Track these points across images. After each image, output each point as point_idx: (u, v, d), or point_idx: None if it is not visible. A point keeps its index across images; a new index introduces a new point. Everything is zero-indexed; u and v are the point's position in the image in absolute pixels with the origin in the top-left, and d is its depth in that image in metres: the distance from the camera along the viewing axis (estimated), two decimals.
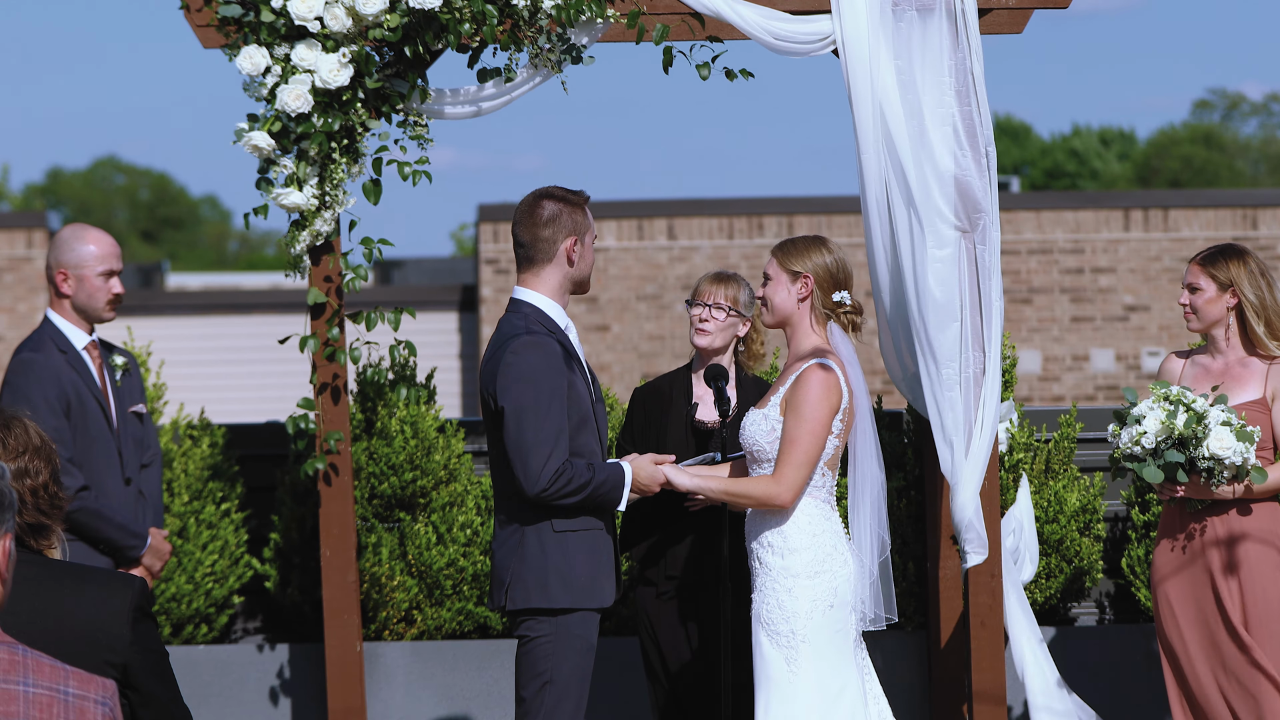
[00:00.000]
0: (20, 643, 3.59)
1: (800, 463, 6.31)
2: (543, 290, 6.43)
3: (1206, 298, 7.20)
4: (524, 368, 6.24)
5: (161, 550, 7.58)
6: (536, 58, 7.50)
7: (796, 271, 6.48)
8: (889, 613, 6.51)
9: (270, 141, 7.47)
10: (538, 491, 6.20)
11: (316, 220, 7.57)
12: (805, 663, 6.29)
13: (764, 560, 6.39)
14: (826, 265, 6.47)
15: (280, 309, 23.02)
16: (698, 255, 21.20)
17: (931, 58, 7.50)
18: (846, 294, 6.48)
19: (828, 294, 6.47)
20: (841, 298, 6.47)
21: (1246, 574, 7.03)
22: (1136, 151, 57.70)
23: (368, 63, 7.44)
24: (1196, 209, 21.22)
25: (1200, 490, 7.01)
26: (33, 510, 4.34)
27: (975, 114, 7.50)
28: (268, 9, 7.40)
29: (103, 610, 4.31)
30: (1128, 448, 7.00)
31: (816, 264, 6.47)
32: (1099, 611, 9.10)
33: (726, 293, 7.42)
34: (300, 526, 8.79)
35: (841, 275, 6.49)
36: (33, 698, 3.53)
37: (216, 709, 8.66)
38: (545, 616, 6.29)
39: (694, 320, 7.44)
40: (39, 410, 7.23)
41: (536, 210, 6.43)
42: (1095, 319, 21.05)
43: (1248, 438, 6.86)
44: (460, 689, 8.70)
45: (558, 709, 6.28)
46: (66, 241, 7.51)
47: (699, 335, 7.42)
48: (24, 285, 21.98)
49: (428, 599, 8.67)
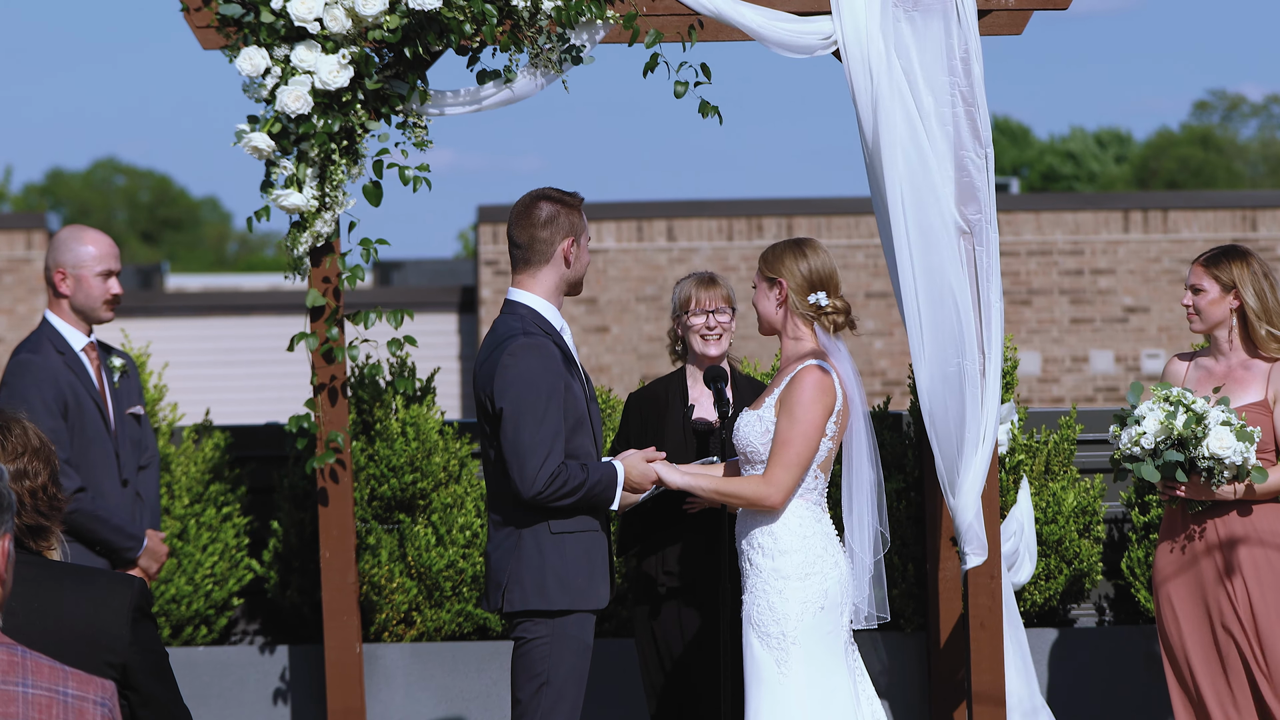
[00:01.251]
0: (19, 644, 3.59)
1: (791, 464, 6.30)
2: (538, 291, 6.43)
3: (1209, 299, 7.20)
4: (522, 370, 6.23)
5: (158, 552, 7.57)
6: (536, 58, 7.49)
7: (772, 278, 6.48)
8: (881, 611, 6.50)
9: (270, 143, 7.46)
10: (534, 494, 6.20)
11: (317, 221, 7.56)
12: (796, 664, 6.28)
13: (754, 561, 6.39)
14: (799, 269, 6.44)
15: (280, 310, 23.01)
16: (697, 257, 21.20)
17: (932, 58, 7.49)
18: (823, 295, 6.43)
19: (803, 297, 6.44)
20: (817, 299, 6.44)
21: (1250, 575, 7.03)
22: (1134, 153, 57.69)
23: (368, 64, 7.43)
24: (1196, 210, 21.21)
25: (1201, 491, 7.01)
26: (32, 512, 4.34)
27: (976, 115, 7.50)
28: (267, 10, 7.39)
29: (102, 611, 4.31)
30: (1127, 448, 7.00)
31: (789, 268, 6.45)
32: (1098, 613, 9.09)
33: (722, 294, 7.39)
34: (299, 528, 8.78)
35: (818, 278, 6.45)
36: (32, 699, 3.53)
37: (216, 710, 8.65)
38: (542, 618, 6.28)
39: (697, 330, 7.38)
40: (36, 411, 7.22)
41: (533, 211, 6.43)
42: (1095, 320, 21.04)
43: (1248, 438, 6.86)
44: (460, 690, 8.70)
45: (554, 710, 6.28)
46: (65, 242, 7.50)
47: (711, 345, 7.35)
48: (23, 286, 21.98)
49: (427, 600, 8.66)
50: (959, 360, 7.42)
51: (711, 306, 7.35)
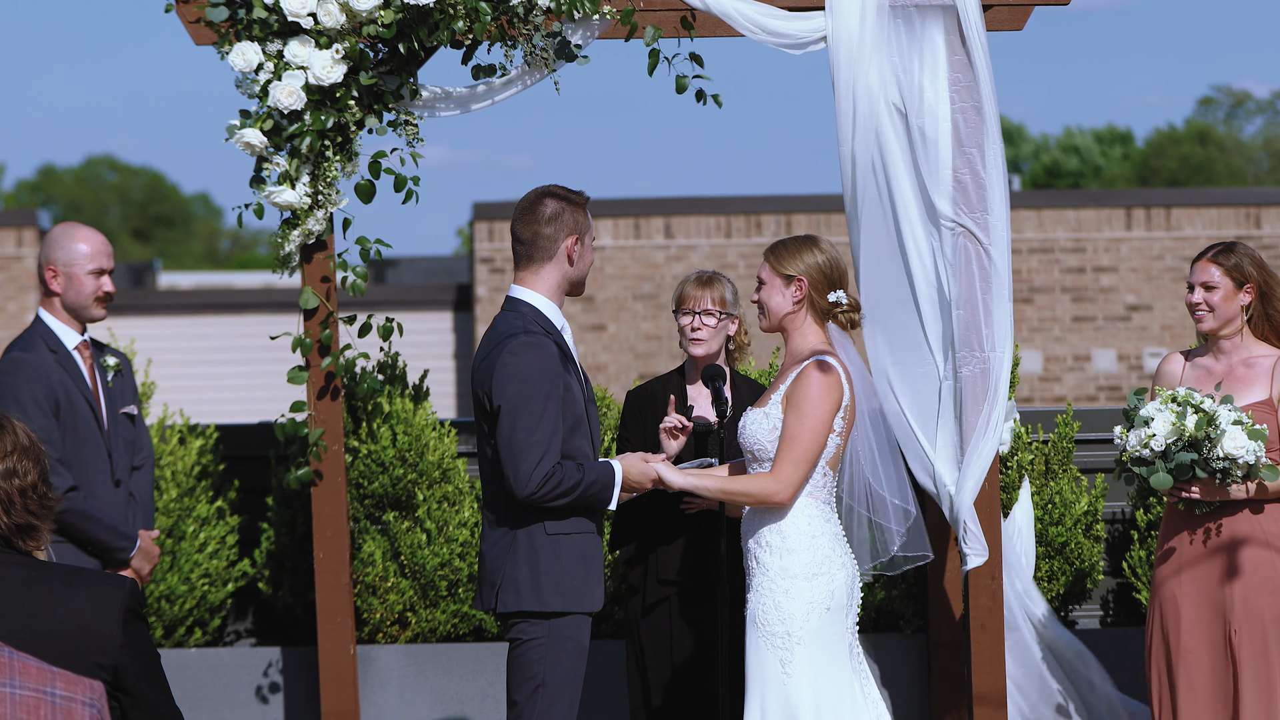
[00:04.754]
0: (8, 645, 3.58)
1: (799, 460, 6.26)
2: (540, 289, 6.39)
3: (1223, 294, 7.14)
4: (521, 368, 6.20)
5: (151, 553, 7.52)
6: (530, 55, 7.44)
7: (790, 275, 6.42)
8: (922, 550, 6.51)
9: (263, 139, 7.43)
10: (528, 494, 6.17)
11: (309, 219, 7.53)
12: (800, 665, 6.24)
13: (761, 560, 6.34)
14: (819, 265, 6.42)
15: (272, 308, 22.99)
16: (695, 254, 21.19)
17: (929, 55, 7.46)
18: (842, 293, 6.42)
19: (823, 294, 6.42)
20: (837, 297, 6.42)
21: (1259, 575, 6.99)
22: (1136, 151, 57.78)
23: (362, 60, 7.39)
24: (1199, 208, 21.20)
25: (1213, 491, 6.97)
26: (21, 511, 4.31)
27: (978, 111, 7.46)
28: (260, 5, 7.35)
29: (93, 612, 4.29)
30: (1135, 450, 6.93)
31: (809, 265, 6.42)
32: (1102, 612, 9.06)
33: (713, 295, 7.33)
34: (292, 529, 8.75)
35: (835, 274, 6.44)
36: (19, 700, 3.53)
37: (208, 713, 8.61)
38: (538, 620, 6.26)
39: (686, 330, 7.34)
40: (27, 409, 7.19)
41: (539, 207, 6.40)
42: (1097, 319, 21.03)
43: (1259, 436, 6.83)
44: (454, 692, 8.65)
45: (550, 712, 6.26)
46: (57, 239, 7.46)
47: (694, 345, 7.33)
48: (13, 284, 21.95)
49: (422, 601, 8.62)
50: (931, 361, 7.43)
51: (699, 308, 7.30)
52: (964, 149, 7.47)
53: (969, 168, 7.47)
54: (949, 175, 7.45)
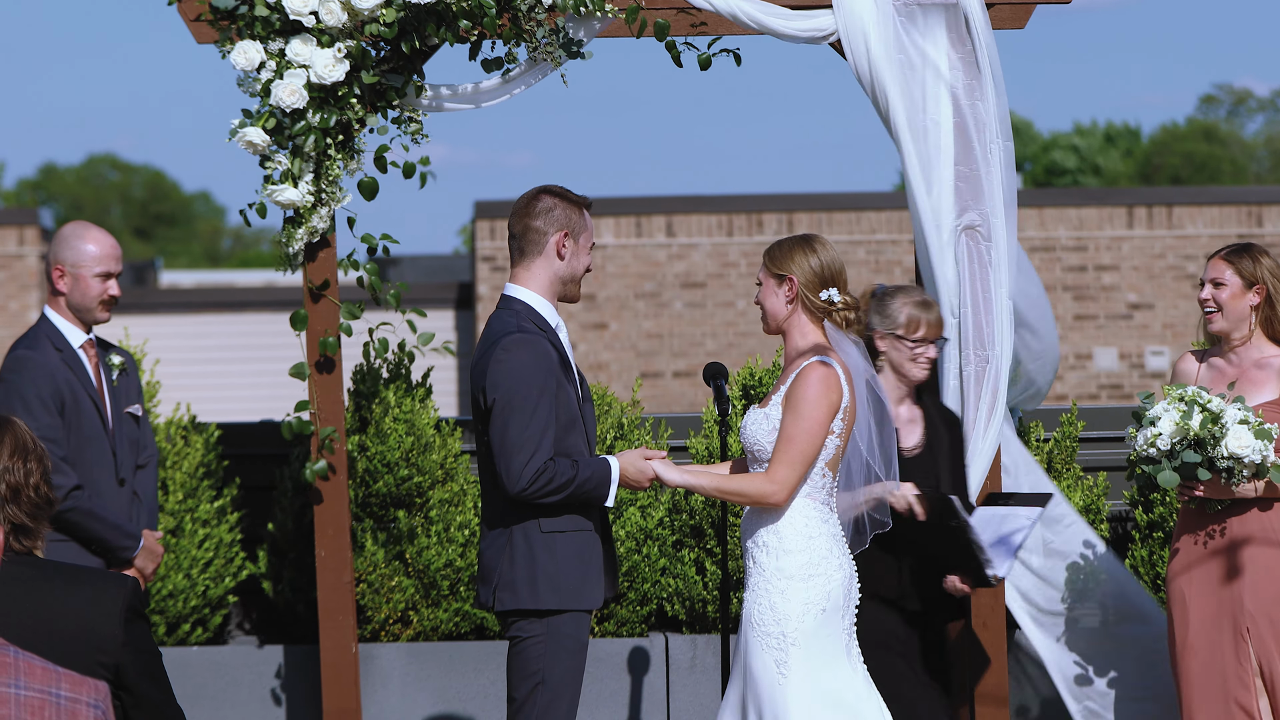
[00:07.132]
0: (12, 644, 3.57)
1: (795, 461, 6.25)
2: (533, 287, 6.40)
3: (1230, 292, 7.15)
4: (514, 365, 6.22)
5: (155, 552, 7.52)
6: (535, 52, 7.45)
7: (781, 275, 6.42)
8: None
9: (265, 138, 7.42)
10: (519, 490, 6.19)
11: (313, 217, 7.52)
12: (796, 666, 6.23)
13: (758, 560, 6.34)
14: (810, 265, 6.40)
15: (274, 307, 22.99)
16: (696, 253, 21.18)
17: (934, 52, 7.46)
18: (834, 291, 6.39)
19: (814, 293, 6.39)
20: (829, 295, 6.39)
21: (1269, 574, 7.00)
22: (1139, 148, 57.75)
23: (364, 58, 7.39)
24: (1201, 206, 21.19)
25: (1220, 490, 6.98)
26: (28, 508, 4.31)
27: (985, 109, 7.47)
28: (261, 3, 7.35)
29: (95, 611, 4.31)
30: (1143, 449, 6.95)
31: (800, 265, 6.40)
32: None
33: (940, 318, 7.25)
34: (294, 526, 8.75)
35: (828, 273, 6.40)
36: (24, 700, 3.54)
37: (210, 711, 8.61)
38: (536, 617, 6.28)
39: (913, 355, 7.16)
40: (32, 407, 7.19)
41: (533, 202, 6.44)
42: (1098, 317, 21.02)
43: (1266, 435, 6.83)
44: (457, 691, 8.65)
45: (550, 709, 6.27)
46: (67, 239, 7.45)
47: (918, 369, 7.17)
48: (15, 283, 21.95)
49: (424, 599, 8.62)
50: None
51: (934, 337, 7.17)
52: (969, 145, 7.47)
53: (972, 165, 7.48)
54: (952, 171, 7.46)
